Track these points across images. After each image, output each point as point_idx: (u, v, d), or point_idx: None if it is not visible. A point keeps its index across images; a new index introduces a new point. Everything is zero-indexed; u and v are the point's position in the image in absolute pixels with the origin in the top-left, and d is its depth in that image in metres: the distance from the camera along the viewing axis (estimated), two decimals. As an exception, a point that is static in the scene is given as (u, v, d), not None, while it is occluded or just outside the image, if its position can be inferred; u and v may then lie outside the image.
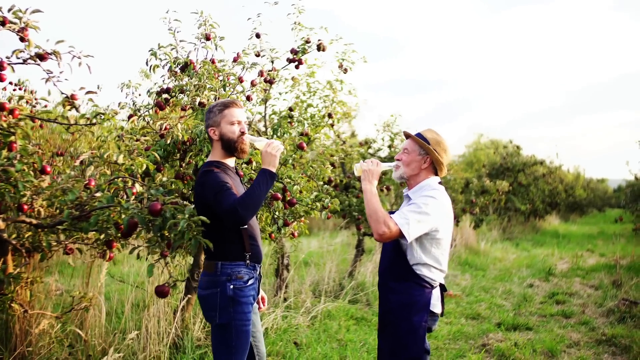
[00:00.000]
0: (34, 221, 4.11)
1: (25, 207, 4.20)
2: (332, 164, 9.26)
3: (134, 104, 5.98)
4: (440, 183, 4.05)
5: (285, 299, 8.11)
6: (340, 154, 9.28)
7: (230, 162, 4.04)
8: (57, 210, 4.30)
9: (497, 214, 20.27)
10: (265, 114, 7.90)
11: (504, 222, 20.41)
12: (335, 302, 8.43)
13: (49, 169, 4.26)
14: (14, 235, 4.27)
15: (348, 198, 9.54)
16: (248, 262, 3.84)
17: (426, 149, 3.96)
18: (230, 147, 3.93)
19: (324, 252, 12.58)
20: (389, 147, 10.43)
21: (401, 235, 3.72)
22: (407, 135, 4.12)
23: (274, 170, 3.78)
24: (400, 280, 3.91)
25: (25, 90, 6.25)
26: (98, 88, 7.14)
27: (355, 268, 10.24)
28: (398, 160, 4.08)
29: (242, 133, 3.94)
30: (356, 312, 8.25)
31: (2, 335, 5.09)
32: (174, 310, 5.95)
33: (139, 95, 5.78)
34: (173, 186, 4.58)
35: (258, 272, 3.98)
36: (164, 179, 4.37)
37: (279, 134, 7.56)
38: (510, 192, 19.04)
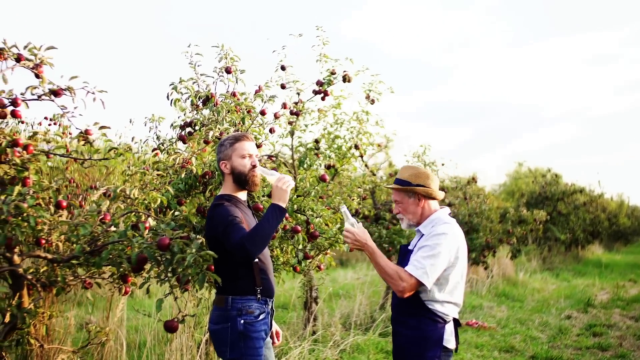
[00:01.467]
0: (49, 256, 4.12)
1: (43, 241, 4.22)
2: (362, 196, 9.22)
3: (157, 137, 6.02)
4: (449, 214, 4.02)
5: (313, 332, 8.04)
6: (369, 185, 9.24)
7: (242, 195, 4.04)
8: (74, 245, 4.31)
9: (537, 244, 19.97)
10: (292, 146, 7.91)
11: (543, 252, 20.11)
12: (365, 335, 8.33)
13: (64, 203, 4.27)
14: (31, 270, 4.28)
15: (378, 229, 9.47)
16: (259, 296, 3.82)
17: (410, 190, 3.93)
18: (242, 180, 3.93)
19: (357, 284, 12.48)
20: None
21: (421, 284, 3.70)
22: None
23: (284, 205, 3.76)
24: (413, 316, 3.85)
25: (60, 125, 6.32)
26: (130, 122, 7.21)
27: (387, 300, 10.14)
28: (397, 213, 4.10)
29: (253, 166, 3.93)
30: (386, 345, 8.14)
31: (21, 369, 5.11)
32: (198, 344, 5.92)
33: (172, 127, 5.80)
34: (195, 220, 4.58)
35: (270, 307, 3.94)
36: (176, 213, 4.36)
37: (304, 166, 7.55)
38: (549, 221, 18.75)
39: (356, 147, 7.77)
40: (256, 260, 3.83)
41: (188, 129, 5.70)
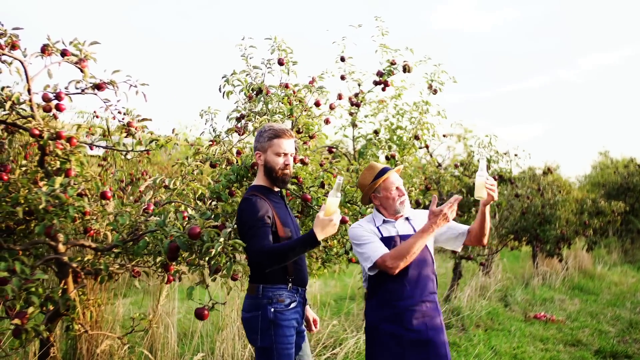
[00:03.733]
0: (93, 244, 4.25)
1: (92, 231, 4.36)
2: (427, 187, 9.16)
3: (214, 130, 6.12)
4: None
5: (373, 323, 8.02)
6: (432, 175, 9.19)
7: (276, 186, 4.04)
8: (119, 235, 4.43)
9: (618, 236, 19.41)
10: (353, 137, 7.92)
11: (625, 244, 19.52)
12: (427, 327, 8.26)
13: (109, 194, 4.40)
14: (78, 258, 4.42)
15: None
16: (290, 285, 3.83)
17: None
18: (272, 176, 3.94)
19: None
20: (487, 168, 10.20)
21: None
22: (382, 172, 4.21)
23: (320, 239, 3.61)
24: (435, 293, 4.07)
25: (143, 119, 6.53)
26: (200, 116, 7.35)
27: (452, 291, 10.05)
28: (401, 196, 4.14)
29: (286, 166, 3.93)
30: (448, 336, 8.03)
31: (71, 354, 5.28)
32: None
33: (229, 120, 5.87)
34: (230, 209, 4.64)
35: (302, 296, 3.96)
36: (214, 203, 4.43)
37: (364, 157, 7.55)
38: (630, 212, 18.20)
39: (416, 137, 7.70)
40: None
41: (243, 121, 5.76)
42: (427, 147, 9.35)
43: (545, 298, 11.34)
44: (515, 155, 10.91)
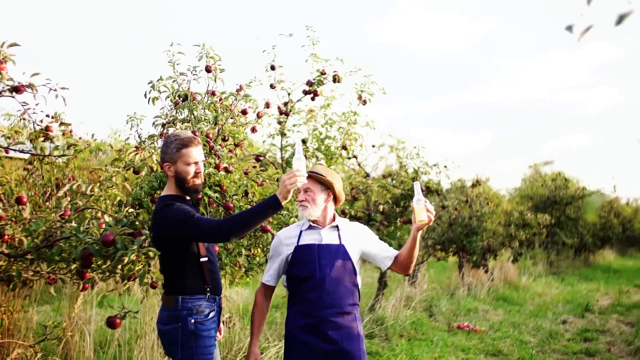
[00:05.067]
0: (5, 250, 4.17)
1: (6, 237, 4.27)
2: (354, 197, 9.22)
3: (139, 136, 6.04)
4: None
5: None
6: (360, 185, 9.27)
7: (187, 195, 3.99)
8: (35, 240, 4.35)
9: (544, 248, 19.87)
10: (281, 146, 7.92)
11: (550, 256, 19.99)
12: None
13: (25, 199, 4.32)
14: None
15: (369, 231, 9.44)
16: (208, 294, 3.82)
17: (330, 185, 4.05)
18: (183, 186, 3.87)
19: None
20: (413, 179, 10.25)
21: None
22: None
23: (282, 201, 3.58)
24: (356, 304, 4.03)
25: (61, 124, 6.40)
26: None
27: (377, 301, 10.13)
28: (302, 201, 4.05)
29: (197, 174, 3.89)
30: (371, 346, 8.13)
31: (-20, 363, 5.16)
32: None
33: (155, 126, 5.81)
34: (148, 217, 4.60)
35: (218, 304, 3.94)
36: (130, 210, 4.38)
37: (291, 166, 7.56)
38: (556, 225, 18.65)
39: (344, 147, 7.75)
40: (205, 258, 3.82)
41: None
42: (355, 157, 9.43)
43: (469, 308, 11.52)
44: (445, 167, 11.00)
